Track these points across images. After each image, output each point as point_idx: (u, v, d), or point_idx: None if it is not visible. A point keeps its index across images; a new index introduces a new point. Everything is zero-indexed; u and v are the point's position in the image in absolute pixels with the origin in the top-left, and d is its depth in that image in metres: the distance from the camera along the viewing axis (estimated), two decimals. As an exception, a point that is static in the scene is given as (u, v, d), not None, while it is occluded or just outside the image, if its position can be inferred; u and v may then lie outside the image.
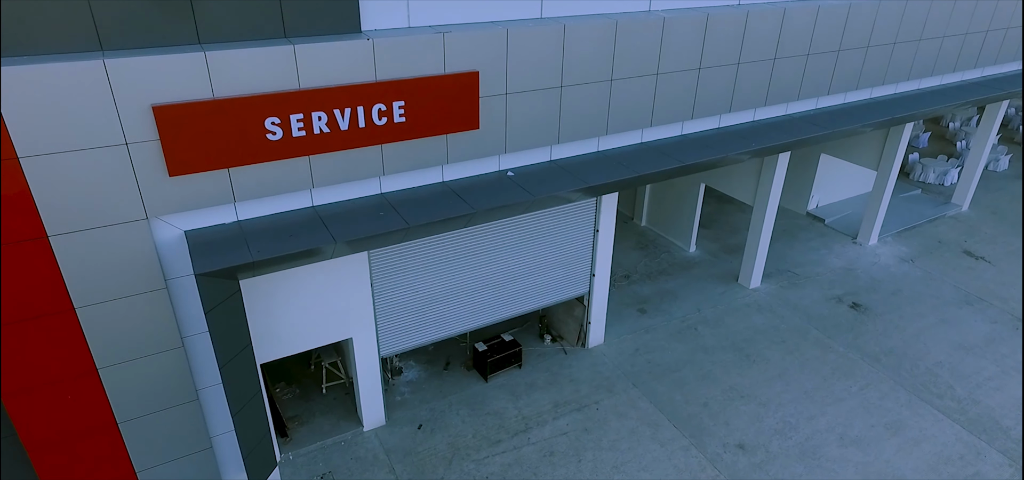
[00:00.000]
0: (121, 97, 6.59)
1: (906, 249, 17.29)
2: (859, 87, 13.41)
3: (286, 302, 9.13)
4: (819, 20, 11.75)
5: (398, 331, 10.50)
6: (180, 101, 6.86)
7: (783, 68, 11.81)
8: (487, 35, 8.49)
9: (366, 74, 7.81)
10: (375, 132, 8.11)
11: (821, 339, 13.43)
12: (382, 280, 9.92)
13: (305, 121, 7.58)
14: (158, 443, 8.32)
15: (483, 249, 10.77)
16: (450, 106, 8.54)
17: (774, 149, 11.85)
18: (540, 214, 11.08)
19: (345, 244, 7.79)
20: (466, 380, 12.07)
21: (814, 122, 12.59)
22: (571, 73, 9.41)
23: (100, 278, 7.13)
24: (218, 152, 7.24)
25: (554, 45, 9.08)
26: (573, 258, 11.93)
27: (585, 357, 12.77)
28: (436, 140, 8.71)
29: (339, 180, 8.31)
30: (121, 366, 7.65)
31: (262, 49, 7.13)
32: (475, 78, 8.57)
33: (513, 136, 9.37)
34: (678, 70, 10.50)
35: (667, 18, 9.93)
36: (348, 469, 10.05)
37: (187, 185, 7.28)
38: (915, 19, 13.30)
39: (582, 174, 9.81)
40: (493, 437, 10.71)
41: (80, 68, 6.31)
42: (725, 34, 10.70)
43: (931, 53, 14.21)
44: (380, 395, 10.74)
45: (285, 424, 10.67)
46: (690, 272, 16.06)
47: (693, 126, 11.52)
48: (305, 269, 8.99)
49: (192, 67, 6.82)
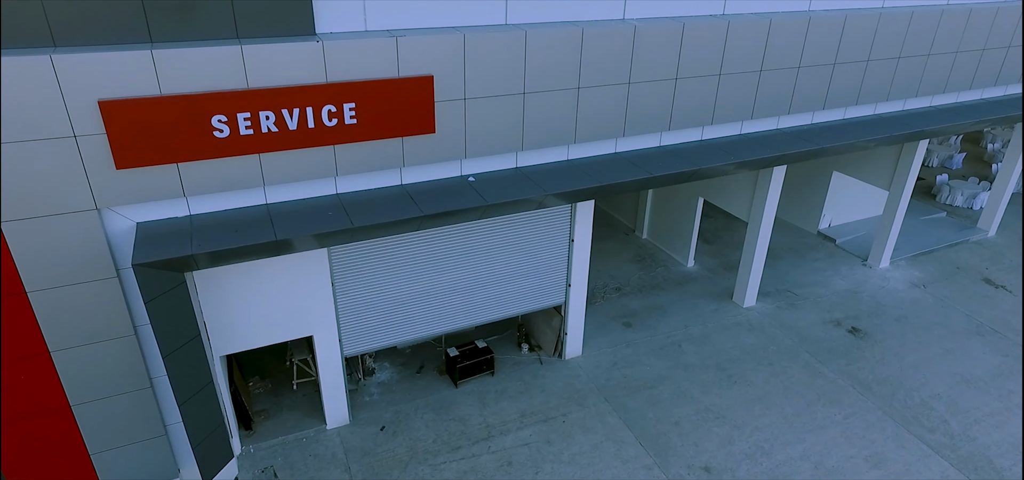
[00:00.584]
0: (69, 92, 6.86)
1: (919, 274, 16.43)
2: (859, 102, 12.86)
3: (245, 296, 9.31)
4: (810, 32, 11.32)
5: (362, 331, 10.57)
6: (127, 97, 7.10)
7: (771, 80, 11.42)
8: (442, 39, 8.50)
9: (316, 76, 7.92)
10: (325, 133, 8.21)
11: (811, 363, 12.87)
12: (344, 279, 10.01)
13: (252, 120, 7.73)
14: (111, 427, 8.59)
15: (451, 253, 10.75)
16: (404, 109, 8.57)
17: (756, 163, 11.46)
18: (511, 221, 11.00)
19: (287, 241, 7.90)
20: (437, 385, 12.06)
21: (804, 137, 12.12)
22: (534, 80, 9.33)
23: (51, 264, 7.41)
24: (165, 147, 7.45)
25: (515, 52, 9.02)
26: (547, 267, 11.79)
27: (561, 368, 12.58)
28: (391, 143, 8.76)
29: (292, 179, 8.44)
30: (73, 350, 7.93)
31: (209, 49, 7.31)
32: (430, 82, 8.58)
33: (474, 142, 9.34)
34: (652, 80, 10.28)
35: (639, 27, 9.74)
36: (304, 465, 10.16)
37: (136, 178, 7.51)
38: (923, 33, 12.67)
39: (544, 182, 9.70)
40: (453, 443, 10.65)
41: (28, 62, 6.61)
42: (704, 44, 10.42)
43: (942, 69, 13.50)
44: (343, 394, 10.82)
45: (251, 417, 10.86)
46: (684, 288, 15.66)
47: (672, 138, 11.24)
48: (264, 264, 9.16)
49: (139, 64, 7.04)
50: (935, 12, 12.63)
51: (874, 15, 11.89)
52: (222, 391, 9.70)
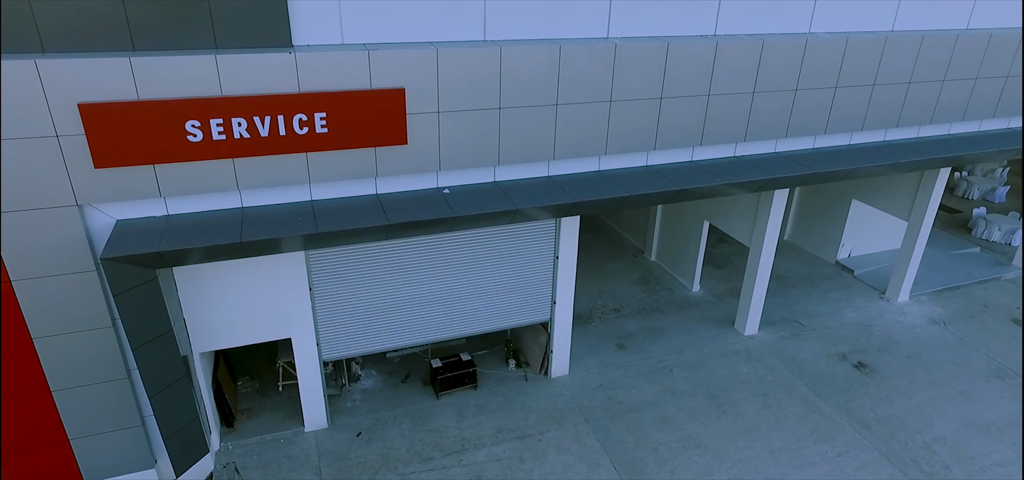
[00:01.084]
0: (52, 94, 7.33)
1: (941, 310, 15.57)
2: (866, 128, 12.38)
3: (225, 296, 9.64)
4: (808, 55, 11.02)
5: (340, 336, 10.77)
6: (106, 101, 7.53)
7: (766, 103, 11.14)
8: (415, 54, 8.68)
9: (288, 86, 8.21)
10: (297, 141, 8.48)
11: (808, 396, 12.33)
12: (322, 284, 10.24)
13: (225, 126, 8.06)
14: (90, 414, 9.00)
15: (432, 264, 10.86)
16: (376, 121, 8.77)
17: (744, 185, 11.16)
18: (494, 235, 11.04)
19: (253, 244, 8.17)
20: (419, 395, 12.13)
21: (800, 161, 11.74)
22: (510, 96, 9.40)
23: (34, 255, 7.88)
24: (141, 149, 7.85)
25: (490, 67, 9.11)
26: (532, 283, 11.75)
27: (545, 386, 12.46)
28: (364, 153, 8.96)
29: (266, 185, 8.74)
30: (54, 338, 8.38)
31: (184, 57, 7.70)
32: (401, 95, 8.76)
33: (448, 155, 9.46)
34: (636, 99, 10.19)
35: (619, 46, 9.71)
36: (277, 465, 10.36)
37: (114, 177, 7.93)
38: (934, 59, 12.13)
39: (520, 197, 9.72)
40: (426, 454, 10.67)
41: (15, 66, 7.10)
42: (691, 65, 10.28)
43: (959, 96, 12.87)
44: (322, 397, 11.02)
45: (233, 415, 11.17)
46: (685, 312, 15.30)
47: (659, 157, 11.09)
48: (242, 265, 9.47)
49: (117, 70, 7.47)
50: (949, 38, 12.09)
51: (879, 39, 11.48)
52: (201, 387, 10.04)
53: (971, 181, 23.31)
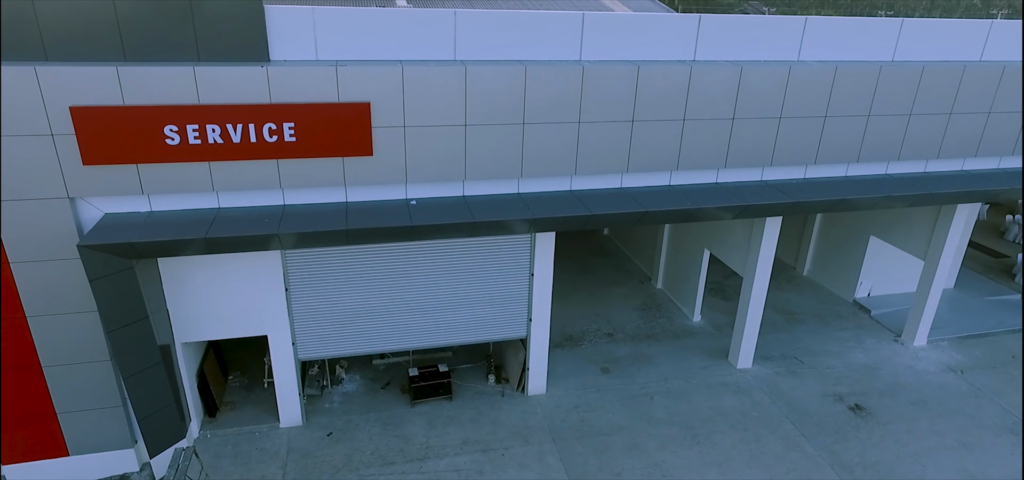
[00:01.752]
0: (48, 97, 8.22)
1: (961, 358, 14.58)
2: (863, 160, 11.93)
3: (206, 290, 10.32)
4: (792, 83, 10.82)
5: (316, 338, 11.25)
6: (94, 104, 8.36)
7: (746, 129, 10.97)
8: (381, 70, 9.16)
9: (260, 96, 8.85)
10: (267, 148, 9.08)
11: (791, 435, 11.83)
12: (299, 285, 10.78)
13: (200, 131, 8.76)
14: (76, 392, 9.79)
15: (407, 273, 11.22)
16: (342, 132, 9.27)
17: (716, 212, 10.99)
18: (468, 248, 11.31)
19: (219, 240, 8.77)
20: (396, 402, 12.44)
21: (784, 189, 11.44)
22: (476, 114, 9.72)
23: (30, 241, 8.76)
24: (124, 149, 8.63)
25: (455, 86, 9.48)
26: (508, 299, 11.91)
27: (520, 403, 12.52)
28: (331, 162, 9.48)
29: (240, 188, 9.38)
30: (46, 318, 9.23)
31: (165, 67, 8.45)
32: (367, 109, 9.24)
33: (415, 167, 9.84)
34: (606, 121, 10.29)
35: (587, 68, 9.88)
36: (248, 456, 10.88)
37: (101, 174, 8.74)
38: (937, 91, 11.62)
39: (484, 211, 9.97)
40: (389, 458, 10.93)
41: (16, 71, 8.03)
42: (664, 90, 10.30)
43: (967, 130, 12.22)
44: (297, 395, 11.50)
45: (217, 406, 11.82)
46: (680, 341, 15.01)
47: (632, 179, 11.09)
48: (222, 261, 10.14)
49: (105, 78, 8.29)
50: (956, 69, 11.56)
51: (873, 70, 11.13)
52: (183, 375, 10.72)
53: (1020, 224, 21.75)
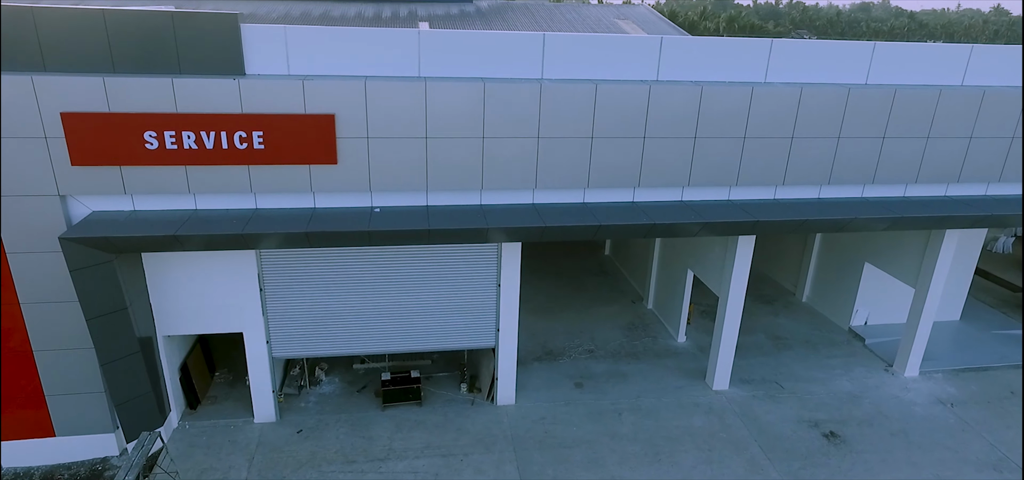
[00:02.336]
0: (43, 103, 9.10)
1: (954, 391, 14.08)
2: (835, 182, 11.85)
3: (185, 286, 11.03)
4: (756, 103, 10.92)
5: (290, 337, 11.81)
6: (82, 110, 9.20)
7: (710, 149, 11.10)
8: (345, 85, 9.75)
9: (232, 107, 9.54)
10: (237, 154, 9.75)
11: (757, 459, 11.67)
12: (273, 286, 11.39)
13: (176, 137, 9.50)
14: (63, 376, 10.57)
15: (379, 278, 11.71)
16: (308, 141, 9.88)
17: (678, 227, 11.11)
18: (436, 257, 11.73)
19: (188, 238, 9.45)
20: (368, 405, 12.85)
21: (747, 209, 11.46)
22: (437, 127, 10.19)
23: (24, 233, 9.63)
24: (108, 152, 9.43)
25: (416, 100, 9.98)
26: (476, 308, 12.23)
27: (488, 412, 12.75)
28: (298, 169, 10.08)
29: (215, 191, 10.08)
30: (37, 305, 10.07)
31: (146, 79, 9.24)
32: (331, 120, 9.83)
33: (378, 176, 10.36)
34: (565, 137, 10.60)
35: (545, 86, 10.25)
36: (218, 447, 11.44)
37: (88, 174, 9.56)
38: (913, 115, 11.50)
39: (444, 219, 10.38)
40: (350, 457, 11.32)
41: (15, 80, 8.94)
42: (623, 108, 10.56)
43: (947, 154, 12.00)
44: (270, 393, 12.05)
45: (198, 399, 12.47)
46: (661, 360, 14.98)
47: (595, 195, 11.33)
48: (199, 259, 10.84)
49: (93, 87, 9.13)
50: (931, 93, 11.43)
51: (841, 92, 11.13)
52: (164, 366, 11.41)
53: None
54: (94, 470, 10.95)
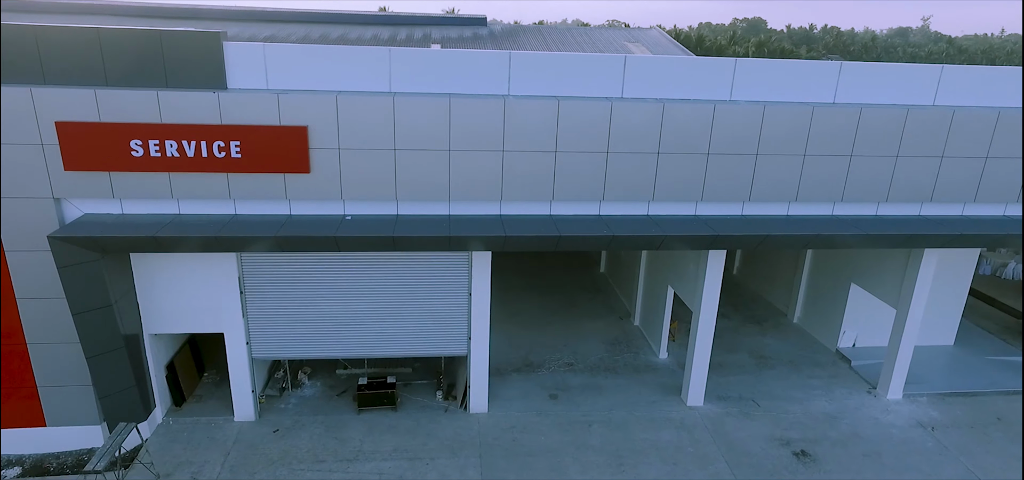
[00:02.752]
0: (40, 113, 9.90)
1: (937, 415, 13.85)
2: (803, 199, 11.97)
3: (170, 286, 11.68)
4: (719, 120, 11.17)
5: (269, 339, 12.34)
6: (75, 120, 9.97)
7: (672, 165, 11.36)
8: (317, 98, 10.35)
9: (212, 118, 10.21)
10: (216, 162, 10.40)
11: (721, 474, 11.69)
12: (254, 289, 11.96)
13: (160, 146, 10.19)
14: (54, 368, 11.27)
15: (353, 284, 12.19)
16: (282, 151, 10.48)
17: (638, 241, 11.36)
18: (408, 264, 12.17)
19: (167, 239, 10.08)
20: (345, 408, 13.28)
21: (709, 224, 11.63)
22: (405, 139, 10.70)
23: (22, 233, 10.39)
24: (98, 158, 10.16)
25: (384, 114, 10.52)
26: (448, 316, 12.61)
27: (460, 419, 13.05)
28: (274, 177, 10.68)
29: (196, 197, 10.73)
30: (32, 300, 10.80)
31: (134, 91, 9.98)
32: (304, 131, 10.42)
33: (350, 185, 10.89)
34: (529, 151, 10.99)
35: (509, 102, 10.69)
36: (197, 442, 11.97)
37: (80, 179, 10.31)
38: (883, 133, 11.58)
39: (405, 228, 10.83)
40: (321, 457, 11.73)
41: (16, 92, 9.76)
42: (586, 122, 10.92)
43: (919, 174, 12.01)
44: (249, 392, 12.57)
45: (184, 397, 13.06)
46: (639, 375, 15.09)
47: (561, 208, 11.66)
48: (183, 260, 11.48)
49: (85, 99, 9.90)
50: (899, 113, 11.51)
51: (806, 111, 11.30)
52: (150, 363, 12.04)
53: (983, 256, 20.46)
54: (80, 460, 11.57)
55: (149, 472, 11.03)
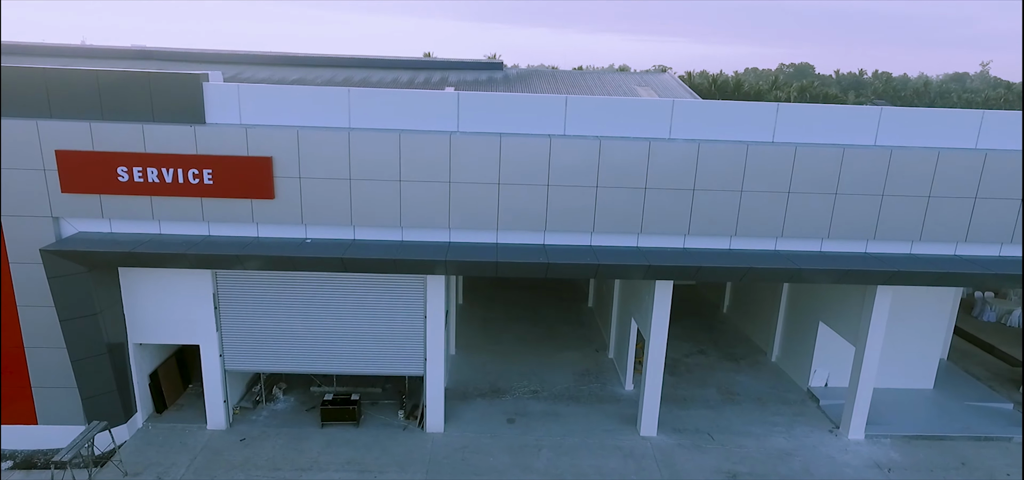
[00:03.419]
0: (43, 142, 11.36)
1: (898, 456, 13.69)
2: (743, 234, 12.38)
3: (151, 299, 12.86)
4: (654, 157, 11.80)
5: (241, 352, 13.35)
6: (72, 148, 11.38)
7: (610, 198, 12.00)
8: (281, 132, 11.52)
9: (188, 148, 11.48)
10: (190, 188, 11.63)
11: (658, 500, 11.92)
12: (227, 304, 13.04)
13: (143, 172, 11.50)
14: (45, 371, 12.51)
15: (317, 303, 13.14)
16: (249, 179, 11.63)
17: (572, 269, 11.95)
18: (367, 287, 13.07)
19: (150, 255, 11.29)
20: (312, 422, 14.09)
21: (645, 254, 12.13)
22: (359, 170, 11.72)
23: (24, 247, 11.77)
24: (89, 182, 11.53)
25: (341, 147, 11.59)
26: (404, 337, 13.38)
27: (415, 437, 13.67)
28: (242, 202, 11.83)
29: (174, 218, 11.97)
30: (31, 308, 12.13)
31: (121, 124, 11.35)
32: (269, 162, 11.58)
33: (310, 211, 11.94)
34: (475, 182, 11.85)
35: (454, 137, 11.62)
36: (169, 446, 12.95)
37: (75, 200, 11.68)
38: (816, 171, 11.98)
39: (355, 250, 11.76)
40: (278, 465, 12.51)
41: (23, 124, 11.26)
42: (528, 158, 11.73)
43: (860, 213, 12.28)
44: (221, 402, 13.54)
45: (166, 405, 14.14)
46: (601, 405, 15.42)
47: (507, 236, 12.40)
48: (163, 276, 12.65)
49: (80, 131, 11.32)
50: (835, 153, 11.91)
51: (740, 148, 11.83)
52: (133, 370, 13.18)
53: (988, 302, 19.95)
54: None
55: (118, 470, 12.03)
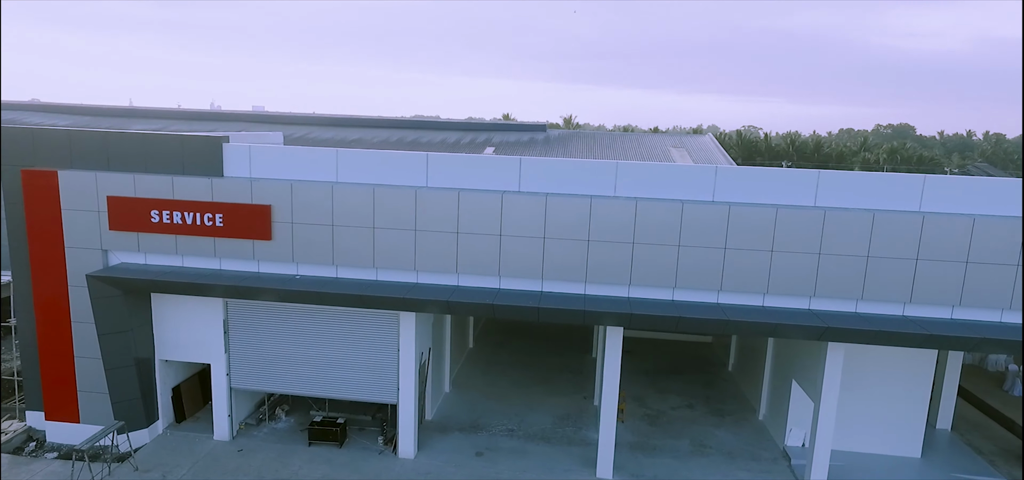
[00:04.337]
0: (100, 190, 14.25)
1: (855, 518, 13.60)
2: (682, 286, 13.27)
3: (174, 321, 15.31)
4: (597, 212, 13.09)
5: (246, 373, 15.45)
6: (119, 195, 14.19)
7: (557, 249, 13.33)
8: (279, 185, 13.82)
9: (205, 196, 14.00)
10: (206, 229, 14.08)
11: (593, 534, 12.59)
12: (235, 329, 15.26)
13: (170, 215, 14.10)
14: (88, 377, 15.11)
15: (307, 332, 15.12)
16: (252, 223, 13.95)
17: (508, 309, 13.24)
18: (347, 319, 14.92)
19: (163, 282, 13.74)
20: (302, 441, 15.86)
21: (587, 300, 13.21)
22: (340, 217, 13.78)
23: (80, 274, 14.60)
24: (130, 221, 14.25)
25: (325, 197, 13.72)
26: (379, 366, 15.03)
27: (388, 461, 15.09)
28: (245, 242, 14.14)
29: (193, 254, 14.43)
30: (81, 324, 14.86)
31: (156, 176, 14.07)
32: (268, 209, 13.87)
33: (301, 251, 14.06)
34: (438, 231, 13.58)
35: (419, 192, 13.48)
36: (179, 450, 15.07)
37: (120, 236, 14.42)
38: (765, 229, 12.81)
39: (331, 286, 13.68)
40: (263, 475, 14.27)
41: (86, 176, 14.22)
42: (484, 210, 13.36)
43: (798, 270, 12.87)
44: (226, 416, 15.62)
45: (185, 416, 16.40)
46: (569, 447, 16.22)
47: (467, 280, 13.93)
48: (185, 302, 15.08)
49: (127, 181, 14.13)
50: (769, 213, 12.73)
51: (676, 207, 12.91)
52: (158, 382, 15.57)
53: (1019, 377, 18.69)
54: (95, 452, 15.08)
55: (131, 467, 14.23)
